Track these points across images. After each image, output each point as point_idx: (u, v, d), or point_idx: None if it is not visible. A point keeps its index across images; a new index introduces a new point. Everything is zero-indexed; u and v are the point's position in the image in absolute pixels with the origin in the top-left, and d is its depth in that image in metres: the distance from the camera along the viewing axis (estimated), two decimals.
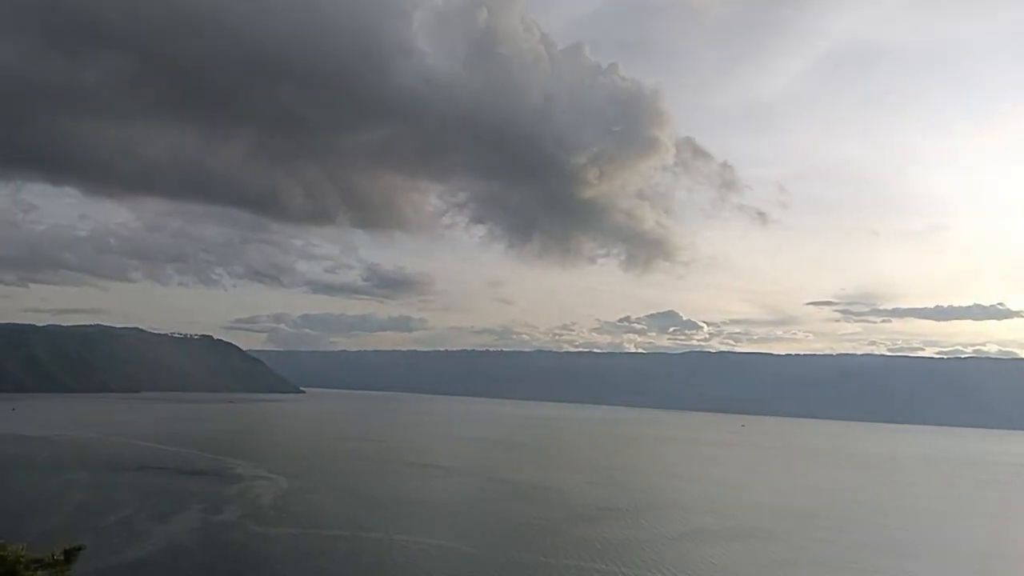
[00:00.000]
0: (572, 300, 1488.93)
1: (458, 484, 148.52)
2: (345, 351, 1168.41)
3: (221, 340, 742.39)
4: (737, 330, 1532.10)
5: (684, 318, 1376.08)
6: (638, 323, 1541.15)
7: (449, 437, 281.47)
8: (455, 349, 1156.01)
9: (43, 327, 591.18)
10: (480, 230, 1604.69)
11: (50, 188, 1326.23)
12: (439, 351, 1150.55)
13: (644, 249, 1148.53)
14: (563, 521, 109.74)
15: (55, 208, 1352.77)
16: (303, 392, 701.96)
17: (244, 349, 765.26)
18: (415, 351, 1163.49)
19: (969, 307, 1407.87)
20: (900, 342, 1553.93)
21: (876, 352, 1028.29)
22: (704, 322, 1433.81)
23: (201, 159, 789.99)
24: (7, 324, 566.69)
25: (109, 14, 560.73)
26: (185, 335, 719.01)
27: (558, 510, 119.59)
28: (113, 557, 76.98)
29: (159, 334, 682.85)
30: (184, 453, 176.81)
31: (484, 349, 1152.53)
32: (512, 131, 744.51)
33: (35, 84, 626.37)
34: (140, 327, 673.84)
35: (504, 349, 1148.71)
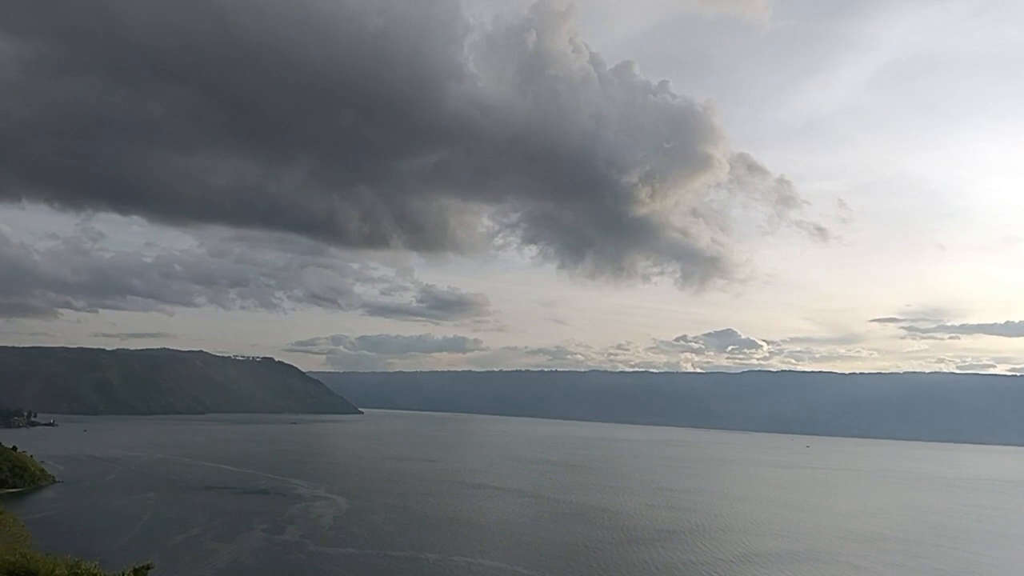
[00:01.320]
0: (626, 319, 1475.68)
1: (515, 505, 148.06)
2: (402, 372, 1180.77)
3: (282, 362, 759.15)
4: (798, 348, 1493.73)
5: (743, 336, 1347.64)
6: (695, 342, 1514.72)
7: (506, 458, 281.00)
8: (510, 370, 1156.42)
9: (112, 351, 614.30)
10: (532, 250, 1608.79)
11: (117, 217, 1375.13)
12: (494, 371, 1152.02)
13: (699, 267, 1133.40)
14: (622, 543, 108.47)
15: (122, 236, 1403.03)
16: (362, 413, 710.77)
17: (304, 371, 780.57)
18: (470, 372, 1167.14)
19: None
20: (970, 359, 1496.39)
21: (944, 370, 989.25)
22: (764, 340, 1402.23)
23: (261, 186, 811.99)
24: (79, 348, 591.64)
25: (170, 46, 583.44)
26: (248, 357, 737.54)
27: (616, 532, 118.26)
28: (180, 575, 79.08)
29: (223, 357, 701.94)
30: (248, 473, 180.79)
31: (539, 369, 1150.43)
32: (563, 151, 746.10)
33: (103, 117, 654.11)
34: (204, 350, 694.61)
35: (559, 369, 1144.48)
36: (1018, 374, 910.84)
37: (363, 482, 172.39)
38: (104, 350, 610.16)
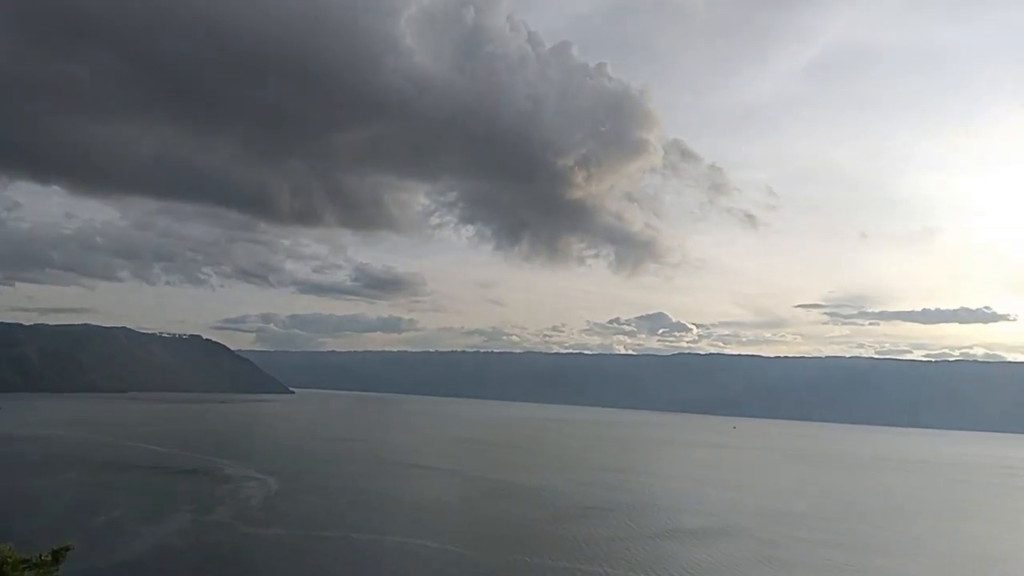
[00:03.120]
0: (562, 301, 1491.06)
1: (448, 485, 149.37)
2: (334, 351, 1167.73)
3: (210, 340, 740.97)
4: (726, 332, 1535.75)
5: (673, 320, 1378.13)
6: (627, 325, 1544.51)
7: (439, 438, 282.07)
8: (445, 350, 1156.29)
9: (30, 326, 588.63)
10: (469, 231, 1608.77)
11: (36, 186, 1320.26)
12: (429, 352, 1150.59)
13: (633, 251, 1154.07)
14: (550, 521, 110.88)
15: (41, 206, 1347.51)
16: (293, 393, 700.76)
17: (233, 349, 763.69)
18: (405, 352, 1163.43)
19: (956, 310, 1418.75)
20: (888, 345, 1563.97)
21: (864, 355, 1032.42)
22: (693, 324, 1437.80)
23: (189, 158, 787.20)
24: None
25: (95, 10, 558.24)
26: (174, 335, 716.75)
27: (546, 510, 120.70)
28: (101, 558, 77.49)
29: (147, 334, 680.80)
30: (174, 453, 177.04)
31: (474, 350, 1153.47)
32: (500, 131, 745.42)
33: (21, 80, 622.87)
34: (128, 326, 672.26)
35: (494, 350, 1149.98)
36: (933, 360, 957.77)
37: (294, 463, 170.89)
38: (21, 325, 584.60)
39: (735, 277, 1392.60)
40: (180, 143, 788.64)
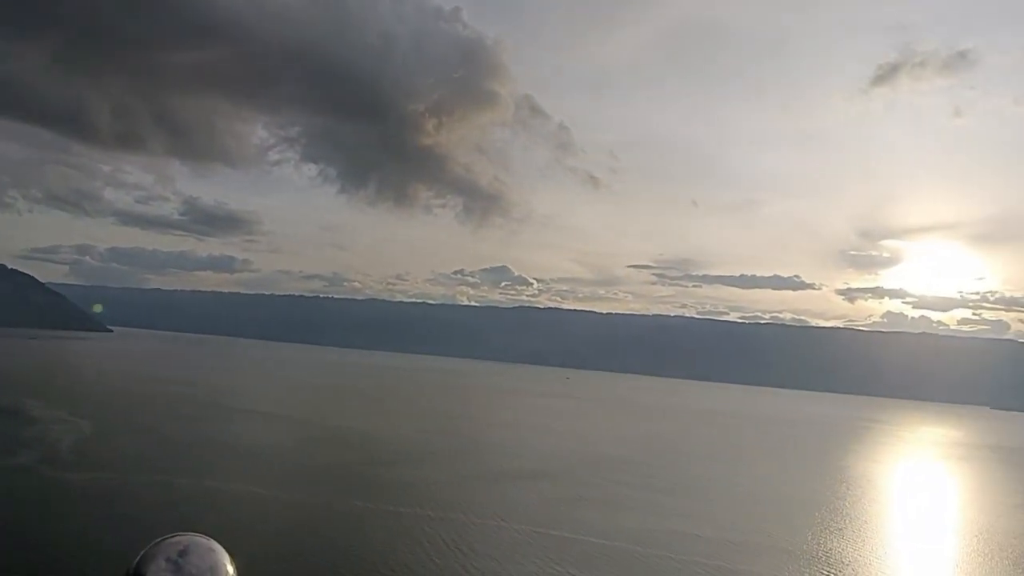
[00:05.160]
0: (407, 250, 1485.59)
1: (278, 430, 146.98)
2: (159, 289, 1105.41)
3: (16, 270, 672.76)
4: (564, 288, 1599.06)
5: (516, 274, 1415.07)
6: (472, 276, 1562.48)
7: (271, 383, 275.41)
8: (282, 294, 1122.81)
9: None
10: (312, 170, 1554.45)
11: None
12: (264, 295, 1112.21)
13: (480, 203, 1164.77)
14: (378, 465, 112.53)
15: None
16: (111, 331, 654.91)
17: (43, 281, 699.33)
18: (238, 293, 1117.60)
19: (770, 277, 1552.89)
20: (708, 306, 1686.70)
21: (687, 314, 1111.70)
22: (535, 279, 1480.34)
23: None
24: None
25: None
26: None
27: (375, 454, 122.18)
28: None
29: None
30: None
31: (314, 295, 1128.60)
32: (348, 67, 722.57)
33: None
34: None
35: (335, 296, 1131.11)
36: (747, 322, 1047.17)
37: (111, 405, 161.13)
38: None
39: (576, 235, 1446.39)
40: None
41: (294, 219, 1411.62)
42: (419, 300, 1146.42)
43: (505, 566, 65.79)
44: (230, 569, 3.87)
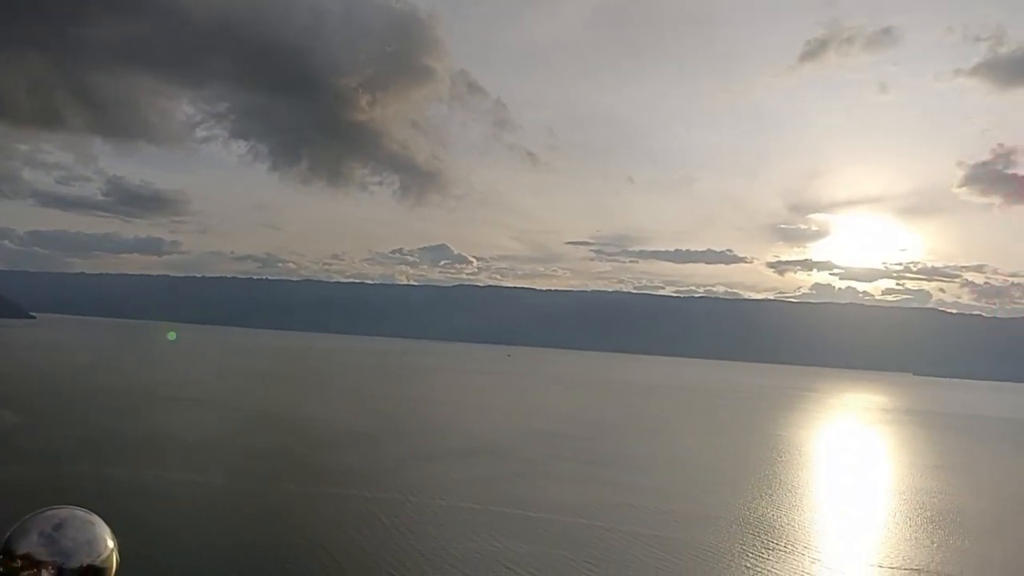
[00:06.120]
0: (343, 229, 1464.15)
1: (210, 417, 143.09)
2: (84, 273, 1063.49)
3: None
4: (504, 265, 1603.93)
5: (455, 252, 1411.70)
6: (411, 255, 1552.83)
7: (203, 369, 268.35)
8: (213, 276, 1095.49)
9: None
10: (242, 147, 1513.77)
11: None
12: (195, 277, 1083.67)
13: (418, 180, 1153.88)
14: (317, 449, 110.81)
15: None
16: (34, 318, 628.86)
17: None
18: (167, 276, 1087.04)
19: (703, 252, 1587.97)
20: (644, 281, 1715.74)
21: (624, 289, 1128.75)
22: (474, 257, 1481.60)
23: None
24: None
25: None
26: None
27: (314, 439, 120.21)
28: None
29: None
30: None
31: (247, 277, 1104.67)
32: (278, 41, 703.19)
33: None
34: None
35: (269, 277, 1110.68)
36: (682, 296, 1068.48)
37: (36, 395, 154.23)
38: None
39: (515, 212, 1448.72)
40: None
41: (224, 198, 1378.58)
42: (357, 280, 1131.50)
43: (445, 544, 65.57)
44: (110, 543, 3.63)
